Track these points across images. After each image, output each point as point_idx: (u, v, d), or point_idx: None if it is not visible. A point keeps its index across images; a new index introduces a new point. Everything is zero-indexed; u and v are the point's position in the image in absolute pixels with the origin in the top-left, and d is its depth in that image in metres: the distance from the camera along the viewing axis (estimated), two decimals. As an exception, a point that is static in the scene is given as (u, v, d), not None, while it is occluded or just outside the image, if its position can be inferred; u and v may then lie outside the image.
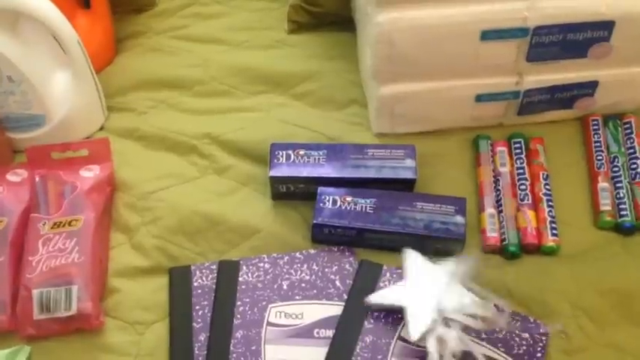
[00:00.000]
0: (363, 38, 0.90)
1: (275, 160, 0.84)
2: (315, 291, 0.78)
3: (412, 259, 0.77)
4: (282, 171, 0.83)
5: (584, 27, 0.79)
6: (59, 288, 0.74)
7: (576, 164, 0.89)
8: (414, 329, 0.72)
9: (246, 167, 0.89)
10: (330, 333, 0.74)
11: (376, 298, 0.76)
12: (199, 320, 0.76)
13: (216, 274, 0.79)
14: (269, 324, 0.75)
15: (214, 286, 0.78)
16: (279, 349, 0.74)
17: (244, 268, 0.79)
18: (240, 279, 0.79)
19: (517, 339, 0.74)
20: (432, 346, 0.71)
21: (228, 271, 0.79)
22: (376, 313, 0.76)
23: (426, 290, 0.74)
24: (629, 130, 0.90)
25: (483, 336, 0.74)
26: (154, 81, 0.98)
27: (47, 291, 0.74)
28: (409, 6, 0.78)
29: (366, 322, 0.75)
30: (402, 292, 0.75)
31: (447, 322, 0.72)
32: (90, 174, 0.84)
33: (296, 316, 0.76)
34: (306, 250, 0.81)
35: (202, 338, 0.74)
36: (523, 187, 0.85)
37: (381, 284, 0.78)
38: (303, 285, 0.78)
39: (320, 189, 0.82)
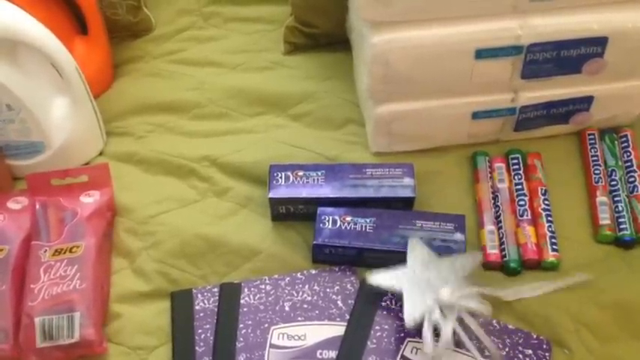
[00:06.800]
0: (359, 59, 0.91)
1: (274, 182, 0.84)
2: (317, 312, 0.78)
3: (416, 248, 0.78)
4: (281, 192, 0.84)
5: (578, 44, 0.80)
6: (61, 315, 0.74)
7: (574, 179, 0.90)
8: (409, 314, 0.73)
9: (246, 189, 0.89)
10: (333, 354, 0.74)
11: (376, 279, 0.76)
12: (202, 344, 0.76)
13: (217, 297, 0.79)
14: (272, 346, 0.75)
15: (216, 309, 0.78)
16: (282, 372, 0.74)
17: (246, 290, 0.80)
18: (242, 301, 0.79)
19: (520, 355, 0.74)
20: (426, 331, 0.71)
21: (229, 294, 0.79)
22: (378, 333, 0.76)
23: (426, 278, 0.75)
24: (625, 144, 0.91)
25: (487, 354, 0.74)
26: (152, 105, 0.99)
27: (49, 318, 0.74)
28: (404, 27, 0.78)
29: (368, 343, 0.75)
30: (402, 276, 0.76)
31: (443, 311, 0.72)
32: (90, 200, 0.85)
33: (299, 338, 0.76)
34: (307, 270, 0.82)
35: (205, 362, 0.75)
36: (522, 202, 0.86)
37: (383, 303, 0.78)
38: (305, 306, 0.78)
39: (320, 209, 0.83)
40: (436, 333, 0.72)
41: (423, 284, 0.74)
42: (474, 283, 0.75)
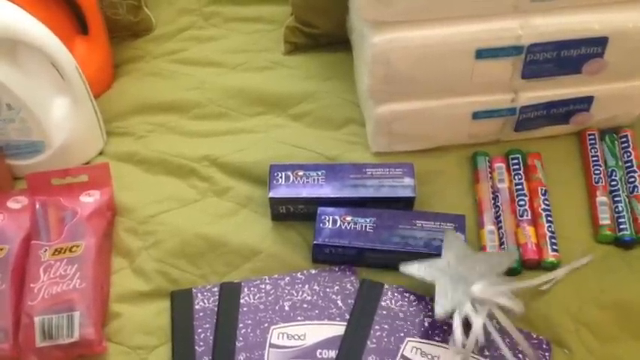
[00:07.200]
0: (360, 59, 0.91)
1: (274, 182, 0.84)
2: (317, 311, 0.78)
3: (453, 240, 0.77)
4: (281, 192, 0.83)
5: (578, 44, 0.80)
6: (61, 314, 0.74)
7: (574, 179, 0.90)
8: (440, 305, 0.72)
9: (246, 189, 0.89)
10: (333, 354, 0.74)
11: (409, 269, 0.76)
12: (202, 343, 0.76)
13: (217, 297, 0.79)
14: (271, 346, 0.75)
15: (216, 309, 0.78)
16: (282, 371, 0.74)
17: (246, 289, 0.80)
18: (241, 301, 0.79)
19: (520, 355, 0.74)
20: (457, 324, 0.71)
21: (229, 294, 0.79)
22: (378, 333, 0.76)
23: (460, 272, 0.74)
24: (625, 144, 0.91)
25: (486, 353, 0.74)
26: (152, 105, 0.99)
27: (49, 318, 0.74)
28: (405, 26, 0.78)
29: (368, 342, 0.75)
30: (435, 267, 0.75)
31: (475, 306, 0.72)
32: (90, 199, 0.84)
33: (298, 337, 0.76)
34: (307, 270, 0.81)
35: (205, 362, 0.74)
36: (522, 202, 0.86)
37: (383, 303, 0.78)
38: (305, 305, 0.78)
39: (320, 209, 0.82)
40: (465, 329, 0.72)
41: (456, 277, 0.74)
42: (507, 280, 0.75)
